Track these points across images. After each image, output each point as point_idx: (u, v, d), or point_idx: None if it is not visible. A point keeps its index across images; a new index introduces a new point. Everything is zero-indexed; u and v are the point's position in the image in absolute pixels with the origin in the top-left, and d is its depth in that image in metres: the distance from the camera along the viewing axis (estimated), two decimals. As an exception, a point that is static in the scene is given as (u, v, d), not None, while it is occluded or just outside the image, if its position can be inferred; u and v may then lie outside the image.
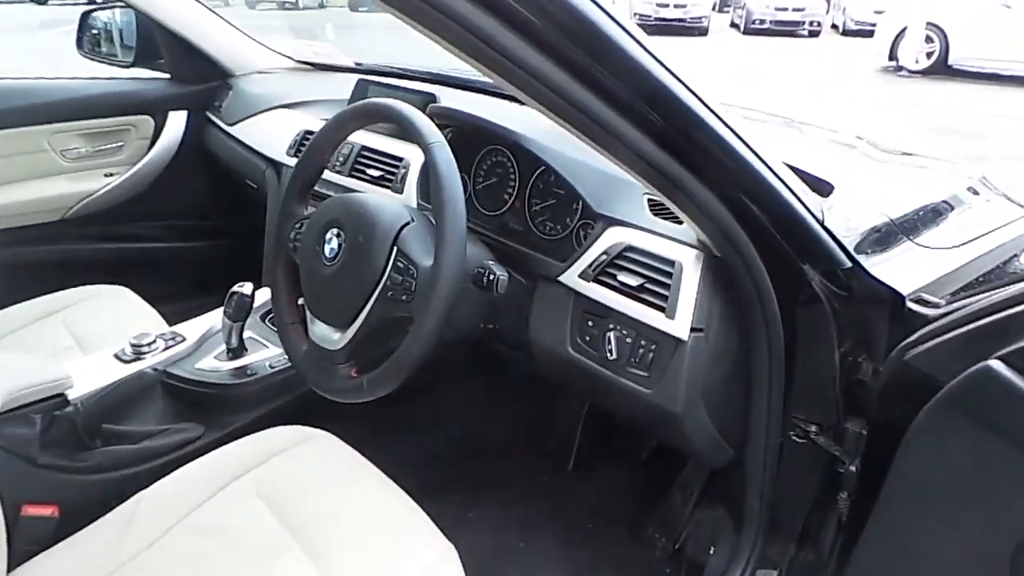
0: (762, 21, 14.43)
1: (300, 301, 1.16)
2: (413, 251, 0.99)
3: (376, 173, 1.47)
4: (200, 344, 1.48)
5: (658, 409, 1.03)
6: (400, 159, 1.44)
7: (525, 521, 1.63)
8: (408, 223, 1.02)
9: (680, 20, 13.89)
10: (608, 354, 1.05)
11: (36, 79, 1.94)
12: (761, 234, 0.93)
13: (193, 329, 1.50)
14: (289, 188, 1.17)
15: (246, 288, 1.38)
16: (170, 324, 1.55)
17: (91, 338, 1.53)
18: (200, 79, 2.09)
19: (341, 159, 1.55)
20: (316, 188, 1.56)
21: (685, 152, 0.81)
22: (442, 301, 0.93)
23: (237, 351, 1.45)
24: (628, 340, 1.04)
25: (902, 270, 1.03)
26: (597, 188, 1.14)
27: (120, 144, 2.03)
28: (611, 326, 1.06)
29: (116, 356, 1.39)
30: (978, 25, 9.14)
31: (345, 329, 1.04)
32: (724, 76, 8.38)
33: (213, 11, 1.99)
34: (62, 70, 2.02)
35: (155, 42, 2.03)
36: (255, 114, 1.91)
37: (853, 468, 1.05)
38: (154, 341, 1.42)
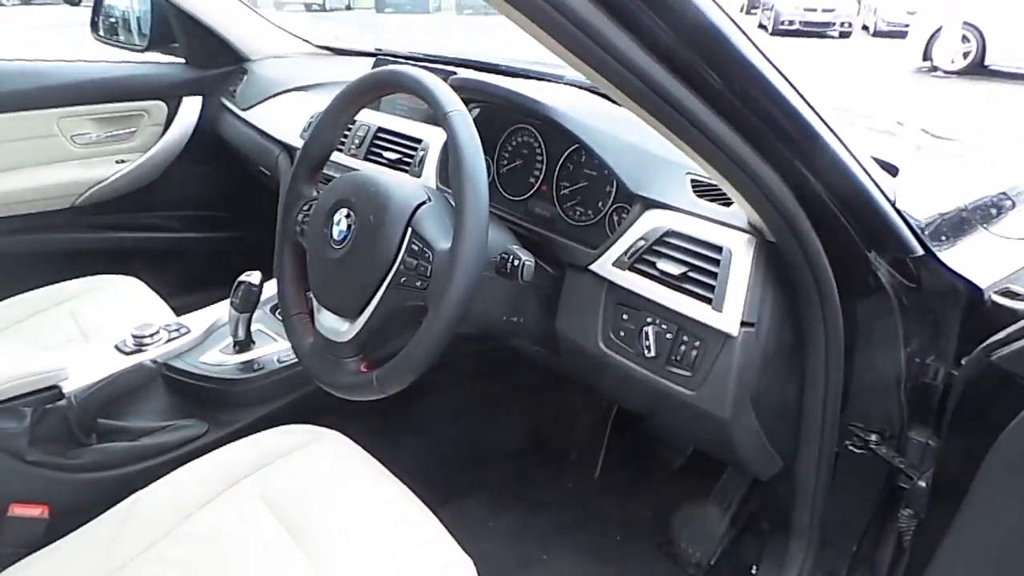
0: (791, 22, 14.19)
1: (309, 292, 1.07)
2: (429, 233, 0.89)
3: (393, 156, 1.37)
4: (206, 336, 1.40)
5: (702, 414, 0.92)
6: (419, 141, 1.35)
7: (548, 532, 1.54)
8: (424, 202, 0.92)
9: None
10: (645, 351, 0.95)
11: (46, 61, 1.88)
12: (823, 216, 0.82)
13: (199, 321, 1.42)
14: (297, 168, 1.08)
15: (254, 277, 1.30)
16: (179, 316, 1.47)
17: (97, 329, 1.47)
18: (216, 64, 2.02)
19: (357, 142, 1.46)
20: (328, 172, 1.49)
21: (741, 116, 0.70)
22: (460, 289, 0.83)
23: (244, 344, 1.37)
24: (668, 335, 0.93)
25: (978, 261, 0.92)
26: (634, 167, 1.03)
27: (132, 130, 1.96)
28: (649, 320, 0.95)
29: (117, 347, 1.32)
30: (1016, 24, 8.88)
31: (354, 319, 0.94)
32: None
33: (229, -9, 1.91)
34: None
35: (170, 26, 1.97)
36: (268, 98, 1.83)
37: (922, 483, 0.93)
38: (157, 332, 1.35)
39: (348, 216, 0.94)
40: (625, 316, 0.99)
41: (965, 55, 9.39)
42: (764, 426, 0.97)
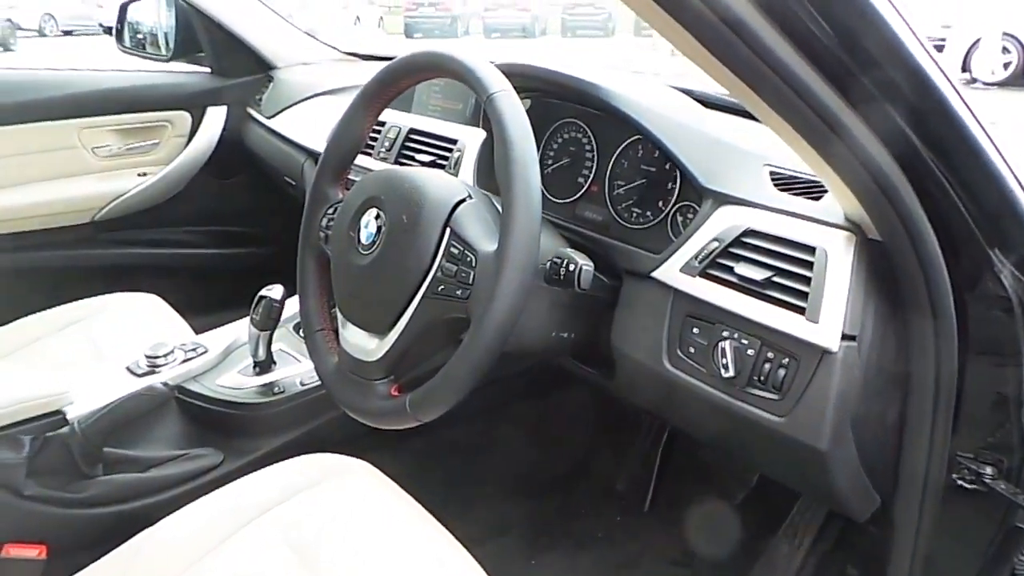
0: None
1: (335, 307, 0.96)
2: (471, 234, 0.77)
3: (426, 159, 1.26)
4: (224, 357, 1.30)
5: (793, 444, 0.78)
6: (454, 141, 1.24)
7: (594, 572, 1.40)
8: (464, 199, 0.80)
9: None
10: (722, 370, 0.81)
11: (67, 69, 1.81)
12: (941, 205, 0.69)
13: (217, 340, 1.32)
14: (321, 167, 0.98)
15: (275, 292, 1.20)
16: (198, 336, 1.38)
17: (113, 350, 1.37)
18: (241, 72, 1.95)
19: (387, 144, 1.35)
20: (353, 177, 1.39)
21: (850, 76, 0.57)
22: (508, 298, 0.71)
23: (264, 365, 1.27)
24: (750, 352, 0.79)
25: None
26: (704, 158, 0.90)
27: (155, 142, 1.88)
28: (725, 334, 0.82)
29: (128, 369, 1.22)
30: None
31: (384, 335, 0.82)
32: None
33: (258, -1, 1.84)
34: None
35: (195, 34, 1.90)
36: (294, 104, 1.75)
37: None
38: (171, 352, 1.25)
39: (377, 217, 0.83)
40: (696, 330, 0.85)
41: (1006, 66, 9.16)
42: (863, 457, 0.82)
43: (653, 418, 1.59)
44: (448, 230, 0.78)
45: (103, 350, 1.37)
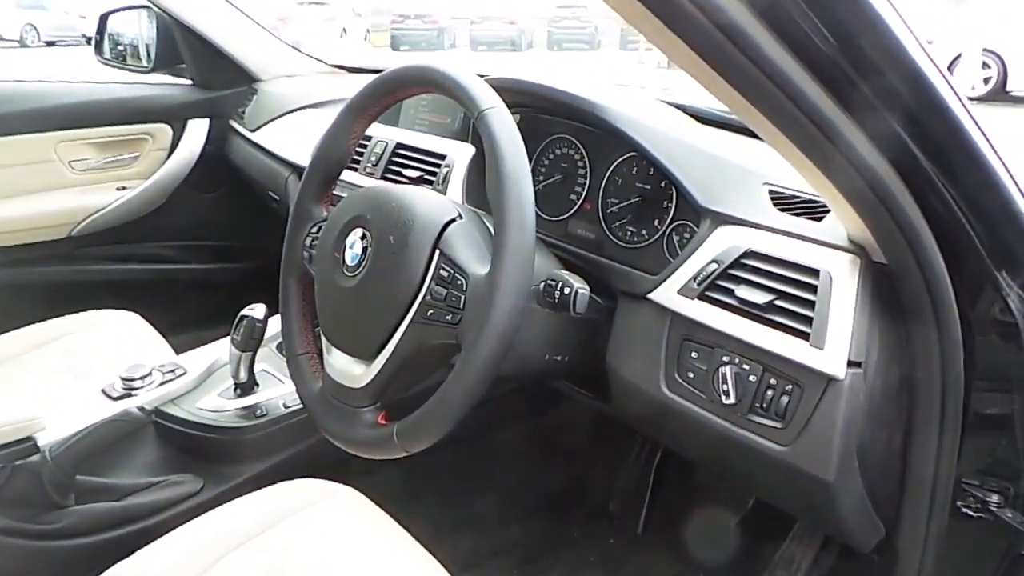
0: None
1: (318, 328, 0.93)
2: (461, 256, 0.74)
3: (413, 174, 1.23)
4: (203, 378, 1.25)
5: (796, 473, 0.75)
6: (442, 157, 1.21)
7: None
8: (454, 219, 0.77)
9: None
10: (723, 396, 0.78)
11: (43, 82, 1.76)
12: (948, 227, 0.67)
13: (196, 360, 1.27)
14: (305, 183, 0.94)
15: (257, 311, 1.16)
16: (179, 355, 1.33)
17: (89, 371, 1.31)
18: (224, 85, 1.90)
19: (373, 159, 1.32)
20: (338, 193, 1.35)
21: (848, 84, 0.55)
22: (501, 323, 0.68)
23: (246, 387, 1.23)
24: (752, 378, 0.77)
25: None
26: (702, 176, 0.87)
27: (135, 155, 1.84)
28: (725, 358, 0.79)
29: (104, 391, 1.17)
30: (1041, 50, 8.79)
31: (370, 360, 0.78)
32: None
33: (241, 10, 1.80)
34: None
35: (176, 46, 1.86)
36: (278, 117, 1.71)
37: None
38: (149, 374, 1.20)
39: (363, 237, 0.79)
40: (694, 354, 0.82)
41: (986, 81, 9.29)
42: (867, 486, 0.79)
43: (646, 438, 1.56)
44: (437, 252, 0.75)
45: (80, 370, 1.32)
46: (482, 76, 0.89)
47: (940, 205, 0.65)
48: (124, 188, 1.83)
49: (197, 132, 1.88)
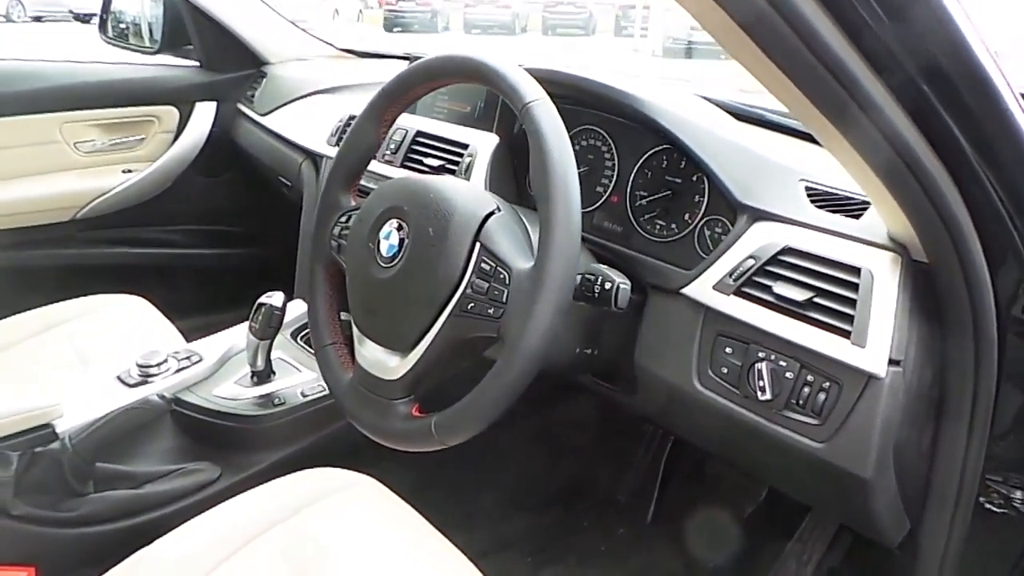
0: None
1: (343, 315, 0.92)
2: (502, 249, 0.73)
3: (434, 163, 1.22)
4: (219, 366, 1.24)
5: (832, 470, 0.75)
6: (464, 145, 1.19)
7: None
8: (493, 212, 0.76)
9: (712, 44, 13.72)
10: (759, 392, 0.78)
11: (48, 61, 1.73)
12: (991, 226, 0.67)
13: (212, 347, 1.26)
14: (332, 173, 0.93)
15: (275, 299, 1.15)
16: (190, 341, 1.32)
17: (99, 356, 1.31)
18: (232, 67, 1.88)
19: (392, 147, 1.30)
20: (362, 182, 1.34)
21: (916, 91, 0.55)
22: (546, 318, 0.67)
23: (263, 375, 1.22)
24: (788, 374, 0.77)
25: None
26: (740, 172, 0.87)
27: (141, 137, 1.81)
28: (761, 355, 0.79)
29: (119, 379, 1.16)
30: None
31: (406, 352, 0.78)
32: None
33: (250, -10, 1.77)
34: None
35: (184, 26, 1.83)
36: (290, 102, 1.68)
37: None
38: (165, 361, 1.19)
39: (400, 228, 0.78)
40: (728, 350, 0.82)
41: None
42: (900, 483, 0.80)
43: (656, 430, 1.56)
44: (478, 244, 0.74)
45: (88, 356, 1.31)
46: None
47: (983, 198, 0.65)
48: (130, 171, 1.81)
49: (204, 115, 1.85)
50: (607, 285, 0.75)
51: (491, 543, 1.39)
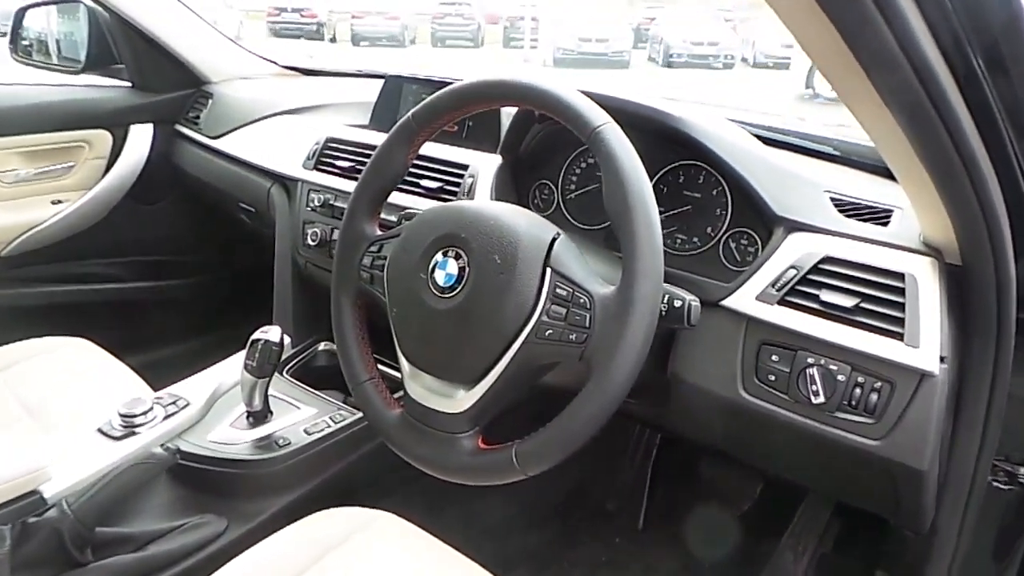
0: (679, 55, 14.98)
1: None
2: (575, 273, 0.73)
3: (433, 185, 1.19)
4: (208, 408, 1.16)
5: (889, 466, 0.80)
6: (464, 167, 1.18)
7: None
8: (556, 236, 0.76)
9: (602, 54, 14.24)
10: (812, 396, 0.81)
11: None
12: (1020, 223, 0.73)
13: (197, 390, 1.18)
14: (356, 202, 0.89)
15: (272, 333, 1.09)
16: (151, 382, 1.23)
17: (49, 407, 1.19)
18: (169, 87, 1.75)
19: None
20: (341, 205, 1.29)
21: (983, 96, 0.59)
22: (638, 342, 0.68)
23: (260, 416, 1.15)
24: (840, 377, 0.81)
25: None
26: (774, 185, 0.91)
27: (70, 164, 1.66)
28: (811, 360, 0.82)
29: (102, 432, 1.06)
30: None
31: (472, 384, 0.75)
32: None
33: (187, 6, 1.66)
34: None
35: (110, 43, 1.69)
36: (249, 123, 1.59)
37: None
38: (151, 408, 1.10)
39: (458, 257, 0.76)
40: (775, 357, 0.85)
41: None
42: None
43: (642, 434, 1.60)
44: (549, 270, 0.73)
45: (36, 408, 1.19)
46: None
47: (1019, 199, 0.71)
48: (60, 201, 1.65)
49: (140, 139, 1.72)
50: (677, 303, 0.76)
51: (496, 564, 1.37)
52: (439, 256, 0.77)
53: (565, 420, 0.70)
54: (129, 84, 1.74)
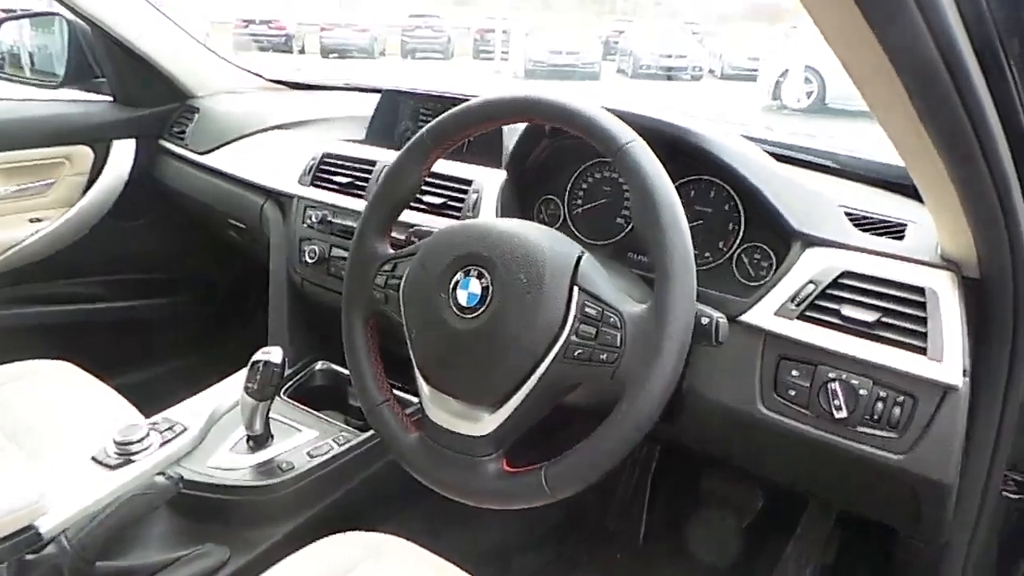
0: (648, 67, 15.17)
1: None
2: (604, 292, 0.71)
3: (437, 200, 1.17)
4: (206, 433, 1.12)
5: (912, 480, 0.80)
6: (468, 182, 1.16)
7: None
8: (582, 254, 0.74)
9: (572, 66, 14.37)
10: (835, 411, 0.81)
11: None
12: None
13: (193, 413, 1.13)
14: (368, 220, 0.87)
15: (274, 355, 1.06)
16: (139, 404, 1.18)
17: (36, 434, 1.13)
18: (152, 101, 1.71)
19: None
20: (340, 221, 1.26)
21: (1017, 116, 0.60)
22: (672, 360, 0.67)
23: (261, 440, 1.11)
24: (863, 391, 0.81)
25: None
26: (791, 201, 0.91)
27: (50, 181, 1.60)
28: (832, 375, 0.82)
29: (96, 460, 1.01)
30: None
31: (496, 406, 0.74)
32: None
33: (170, 18, 1.63)
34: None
35: (90, 57, 1.65)
36: (238, 139, 1.55)
37: None
38: (147, 435, 1.05)
39: (481, 277, 0.74)
40: (795, 372, 0.85)
41: (809, 95, 10.37)
42: None
43: (640, 445, 1.58)
44: (576, 289, 0.72)
45: (21, 436, 1.13)
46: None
47: None
48: (39, 220, 1.59)
49: (122, 154, 1.67)
50: (704, 320, 0.75)
51: None
52: (460, 275, 0.75)
53: (597, 441, 0.69)
54: (111, 98, 1.69)
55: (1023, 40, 0.57)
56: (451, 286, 0.75)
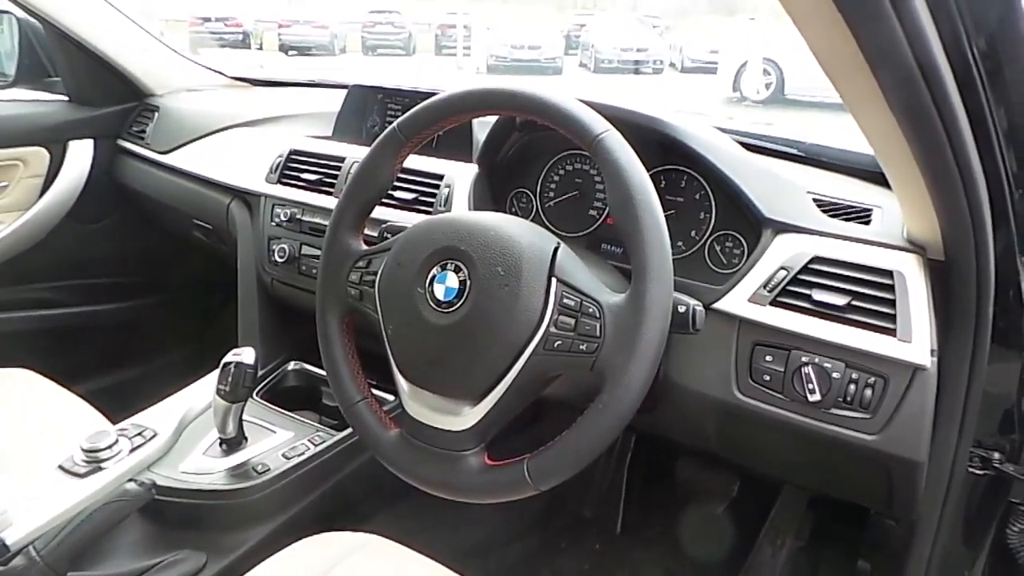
0: (610, 61, 15.28)
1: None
2: (581, 282, 0.72)
3: (408, 196, 1.16)
4: (177, 438, 1.10)
5: (885, 459, 0.82)
6: (440, 177, 1.15)
7: None
8: (559, 245, 0.75)
9: (535, 61, 14.40)
10: (808, 394, 0.83)
11: None
12: (1000, 224, 0.76)
13: (163, 418, 1.11)
14: (340, 217, 0.86)
15: (246, 356, 1.04)
16: (104, 411, 1.17)
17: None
18: (109, 100, 1.66)
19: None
20: (311, 219, 1.25)
21: (980, 102, 0.62)
22: (652, 349, 0.67)
23: (234, 442, 1.09)
24: (835, 374, 0.82)
25: None
26: (762, 189, 0.92)
27: (3, 184, 1.55)
28: (804, 359, 0.84)
29: (63, 468, 0.99)
30: (808, 61, 10.15)
31: (477, 400, 0.73)
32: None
33: (125, 15, 1.58)
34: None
35: (41, 55, 1.60)
36: (201, 137, 1.52)
37: None
38: (116, 442, 1.03)
39: (458, 271, 0.74)
40: (769, 358, 0.87)
41: (768, 86, 10.55)
42: None
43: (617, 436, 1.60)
44: (554, 280, 0.72)
45: None
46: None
47: (999, 202, 0.74)
48: (-7, 223, 1.54)
49: (80, 155, 1.62)
50: (681, 308, 0.76)
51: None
52: (436, 270, 0.75)
53: (579, 432, 0.69)
54: (66, 98, 1.64)
55: (990, 40, 0.59)
56: (428, 281, 0.75)
